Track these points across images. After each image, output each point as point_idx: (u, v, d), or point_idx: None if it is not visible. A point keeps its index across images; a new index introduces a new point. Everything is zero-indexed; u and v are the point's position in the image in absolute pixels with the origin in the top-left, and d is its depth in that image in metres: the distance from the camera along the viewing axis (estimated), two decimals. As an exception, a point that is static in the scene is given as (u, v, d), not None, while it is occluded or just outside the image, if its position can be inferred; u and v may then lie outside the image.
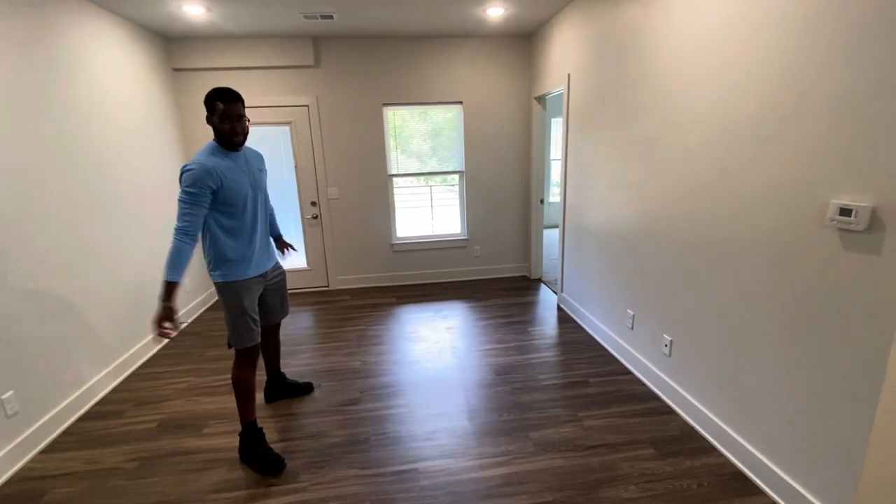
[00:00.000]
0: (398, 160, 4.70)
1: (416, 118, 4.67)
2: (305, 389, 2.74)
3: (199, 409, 2.61)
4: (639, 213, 2.69)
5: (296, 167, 4.47)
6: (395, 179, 4.73)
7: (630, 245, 2.82)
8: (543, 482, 1.96)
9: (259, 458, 2.10)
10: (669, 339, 2.46)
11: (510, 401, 2.59)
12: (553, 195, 7.51)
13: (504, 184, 4.79)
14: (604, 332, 3.25)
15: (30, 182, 2.37)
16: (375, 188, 4.63)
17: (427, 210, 4.96)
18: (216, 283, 2.07)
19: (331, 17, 3.57)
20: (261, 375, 2.63)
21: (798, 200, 1.63)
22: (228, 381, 2.90)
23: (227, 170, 1.97)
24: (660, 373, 2.58)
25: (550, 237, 6.11)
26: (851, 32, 1.41)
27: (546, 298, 4.31)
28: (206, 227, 2.02)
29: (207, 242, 2.04)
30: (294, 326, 3.82)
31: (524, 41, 4.44)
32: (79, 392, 2.61)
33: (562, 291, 4.06)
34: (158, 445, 2.30)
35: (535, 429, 2.33)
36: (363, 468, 2.10)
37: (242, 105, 1.99)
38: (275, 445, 2.23)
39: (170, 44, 3.98)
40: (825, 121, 1.51)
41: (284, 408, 2.60)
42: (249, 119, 2.07)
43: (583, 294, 3.62)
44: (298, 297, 4.57)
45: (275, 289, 2.35)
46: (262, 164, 2.26)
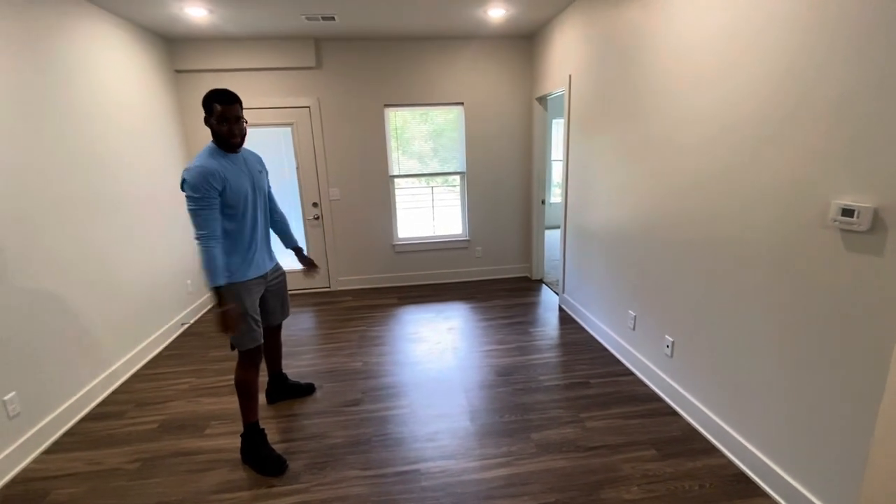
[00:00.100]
0: (399, 161, 4.70)
1: (418, 119, 4.68)
2: (307, 390, 2.74)
3: (201, 410, 2.62)
4: (640, 214, 2.69)
5: (297, 168, 4.48)
6: (397, 180, 4.74)
7: (632, 246, 2.82)
8: (545, 483, 1.96)
9: (261, 459, 2.10)
10: (671, 340, 2.46)
11: (511, 402, 2.59)
12: (554, 196, 7.51)
13: (505, 185, 4.80)
14: (605, 333, 3.24)
15: (31, 183, 2.38)
16: (377, 189, 4.64)
17: (428, 211, 4.97)
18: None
19: (332, 19, 3.57)
20: (262, 376, 2.63)
21: (800, 201, 1.63)
22: (230, 382, 2.90)
23: (228, 171, 1.97)
24: (661, 373, 2.57)
25: (552, 238, 6.10)
26: (853, 33, 1.41)
27: (547, 299, 4.31)
28: None
29: None
30: (295, 327, 3.83)
31: (525, 42, 4.45)
32: (81, 393, 2.62)
33: (563, 292, 4.06)
34: (160, 446, 2.31)
35: (537, 430, 2.33)
36: (365, 469, 2.10)
37: (240, 106, 1.99)
38: (276, 446, 2.23)
39: (172, 45, 3.99)
40: (827, 121, 1.51)
41: (286, 409, 2.61)
42: (247, 120, 2.07)
43: (584, 295, 3.61)
44: (300, 298, 4.58)
45: (275, 290, 2.35)
46: (262, 166, 2.25)
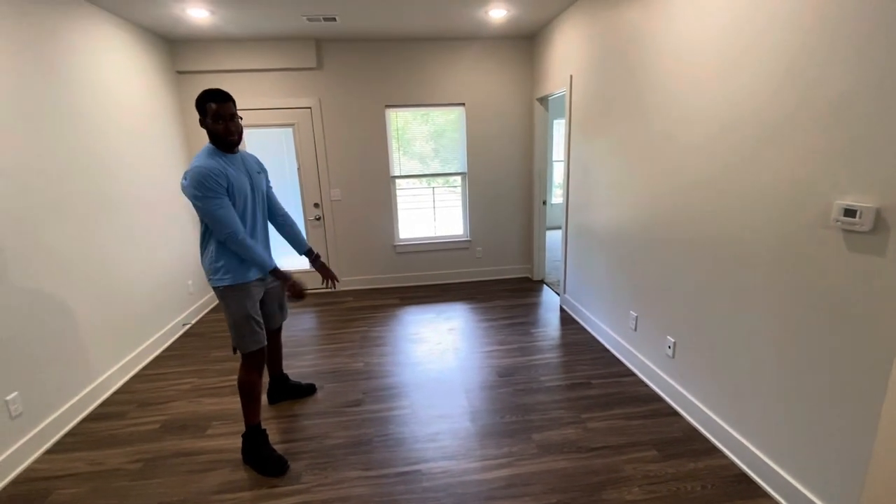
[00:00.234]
0: (401, 162, 4.70)
1: (419, 120, 4.68)
2: (308, 391, 2.75)
3: (203, 411, 2.62)
4: (642, 215, 2.69)
5: (299, 169, 4.49)
6: (398, 181, 4.74)
7: (633, 246, 2.82)
8: (546, 484, 1.96)
9: (262, 460, 2.10)
10: (673, 341, 2.46)
11: (513, 402, 2.59)
12: (555, 196, 7.50)
13: (506, 185, 4.80)
14: (606, 334, 3.24)
15: (33, 184, 2.39)
16: (378, 190, 4.64)
17: (429, 211, 4.97)
18: (218, 289, 2.05)
19: (333, 20, 3.58)
20: (264, 377, 2.63)
21: (801, 201, 1.63)
22: (232, 383, 2.91)
23: (229, 170, 1.97)
24: (663, 374, 2.57)
25: (553, 238, 6.09)
26: (853, 32, 1.41)
27: (548, 300, 4.30)
28: (206, 232, 2.02)
29: (207, 247, 2.03)
30: (297, 328, 3.83)
31: (526, 43, 4.45)
32: (83, 393, 2.62)
33: (564, 293, 4.06)
34: (162, 446, 2.31)
35: (538, 430, 2.32)
36: (366, 469, 2.10)
37: (234, 104, 1.99)
38: (278, 447, 2.24)
39: (173, 46, 4.00)
40: (828, 121, 1.51)
41: (287, 409, 2.61)
42: (242, 117, 2.07)
43: (585, 295, 3.61)
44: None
45: (274, 292, 2.34)
46: (261, 167, 2.25)
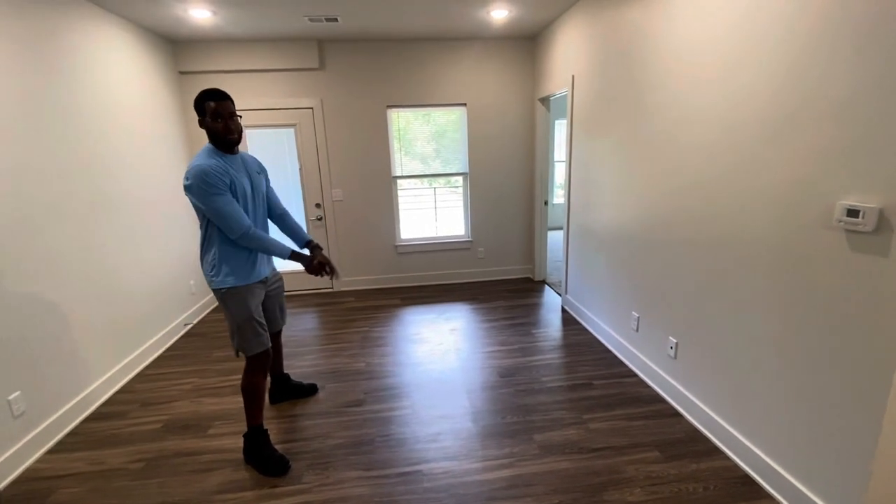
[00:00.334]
0: (402, 162, 4.71)
1: (420, 120, 4.68)
2: (310, 391, 2.75)
3: (204, 410, 2.62)
4: (643, 215, 2.68)
5: (300, 169, 4.49)
6: (399, 181, 4.74)
7: (635, 246, 2.81)
8: (548, 485, 1.95)
9: (264, 459, 2.10)
10: (675, 342, 2.45)
11: (514, 403, 2.58)
12: (557, 197, 7.49)
13: (508, 185, 4.79)
14: (608, 335, 3.24)
15: (35, 184, 2.39)
16: (379, 190, 4.64)
17: (431, 212, 4.97)
18: (219, 291, 2.03)
19: (335, 20, 3.58)
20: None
21: (804, 201, 1.62)
22: (233, 383, 2.91)
23: (230, 168, 1.97)
24: (665, 375, 2.56)
25: (554, 239, 6.08)
26: (856, 32, 1.40)
27: (550, 300, 4.30)
28: (207, 235, 2.01)
29: (209, 249, 2.01)
30: (298, 328, 3.83)
31: (528, 43, 4.44)
32: (84, 393, 2.63)
33: (566, 293, 4.05)
34: (163, 446, 2.31)
35: (540, 431, 2.32)
36: (367, 470, 2.09)
37: (232, 104, 1.98)
38: (279, 446, 2.23)
39: (176, 47, 4.01)
40: (830, 121, 1.50)
41: (289, 409, 2.61)
42: (241, 116, 2.07)
43: (587, 296, 3.61)
44: (303, 299, 4.59)
45: (274, 295, 2.34)
46: (261, 168, 2.25)
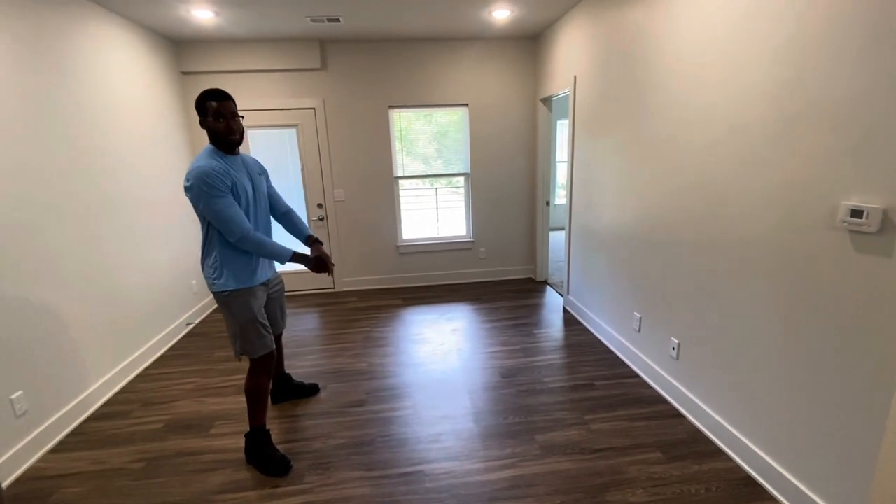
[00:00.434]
0: (404, 162, 4.71)
1: (422, 120, 4.68)
2: (311, 391, 2.74)
3: (206, 410, 2.62)
4: (645, 215, 2.68)
5: (302, 169, 4.50)
6: (401, 181, 4.74)
7: (637, 247, 2.81)
8: (550, 485, 1.95)
9: (265, 459, 2.10)
10: (677, 342, 2.44)
11: (516, 403, 2.58)
12: (559, 197, 7.49)
13: (510, 186, 4.79)
14: (610, 335, 3.23)
15: (38, 184, 2.40)
16: (381, 190, 4.64)
17: (432, 212, 4.97)
18: (221, 294, 2.00)
19: (337, 21, 3.59)
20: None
21: (808, 202, 1.62)
22: (235, 382, 2.91)
23: (231, 170, 1.95)
24: (667, 376, 2.56)
25: (556, 239, 6.08)
26: (861, 32, 1.40)
27: (552, 301, 4.29)
28: (208, 237, 1.99)
29: (210, 253, 2.00)
30: (300, 328, 3.83)
31: (530, 43, 4.44)
32: (87, 392, 2.63)
33: (568, 294, 4.05)
34: (165, 446, 2.32)
35: (541, 432, 2.31)
36: (369, 470, 2.09)
37: (234, 104, 1.97)
38: (281, 446, 2.24)
39: (178, 47, 4.02)
40: (835, 121, 1.49)
41: (290, 409, 2.61)
42: (243, 116, 2.05)
43: (589, 296, 3.60)
44: (305, 299, 4.59)
45: (276, 297, 2.34)
46: (262, 169, 2.24)
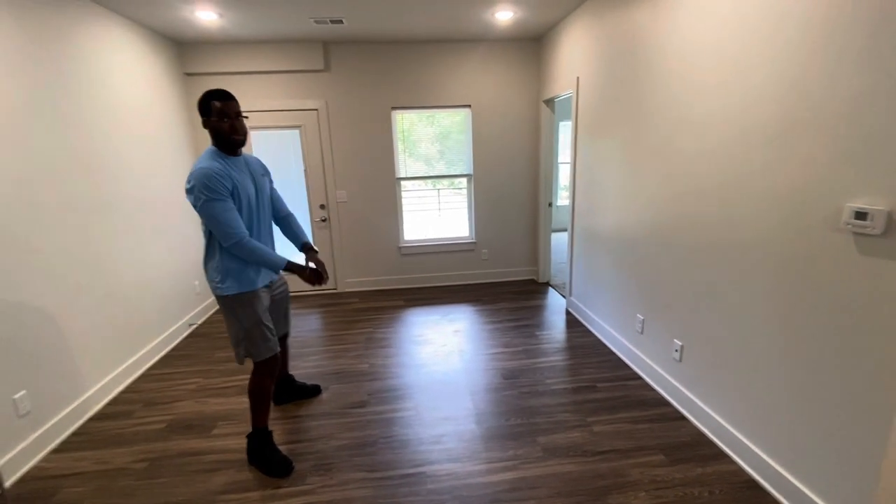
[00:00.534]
0: (406, 163, 4.71)
1: (425, 121, 4.68)
2: (313, 392, 2.74)
3: (208, 411, 2.63)
4: (649, 217, 2.67)
5: (305, 170, 4.50)
6: (403, 182, 4.74)
7: (640, 249, 2.80)
8: (552, 488, 1.94)
9: (267, 460, 2.10)
10: (680, 345, 2.43)
11: (518, 405, 2.57)
12: (561, 198, 7.48)
13: (512, 187, 4.79)
14: (613, 337, 3.22)
15: (42, 185, 2.41)
16: (384, 191, 4.65)
17: (435, 213, 4.97)
18: (225, 297, 1.99)
19: (341, 22, 3.59)
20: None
21: (812, 204, 1.61)
22: (238, 383, 2.91)
23: (233, 173, 1.94)
24: (670, 378, 2.55)
25: (559, 241, 6.07)
26: (865, 33, 1.39)
27: (554, 302, 4.29)
28: (211, 240, 1.98)
29: (213, 255, 1.98)
30: (302, 329, 3.84)
31: (533, 44, 4.44)
32: (90, 392, 2.64)
33: (570, 295, 4.04)
34: (167, 446, 2.32)
35: (544, 433, 2.31)
36: (370, 471, 2.09)
37: (237, 104, 1.96)
38: (283, 447, 2.24)
39: (182, 49, 4.03)
40: (839, 122, 1.49)
41: (292, 410, 2.61)
42: (248, 117, 2.05)
43: (591, 298, 3.59)
44: (307, 300, 4.59)
45: (279, 299, 2.33)
46: (264, 169, 2.23)
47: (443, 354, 3.26)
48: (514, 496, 1.90)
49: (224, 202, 1.87)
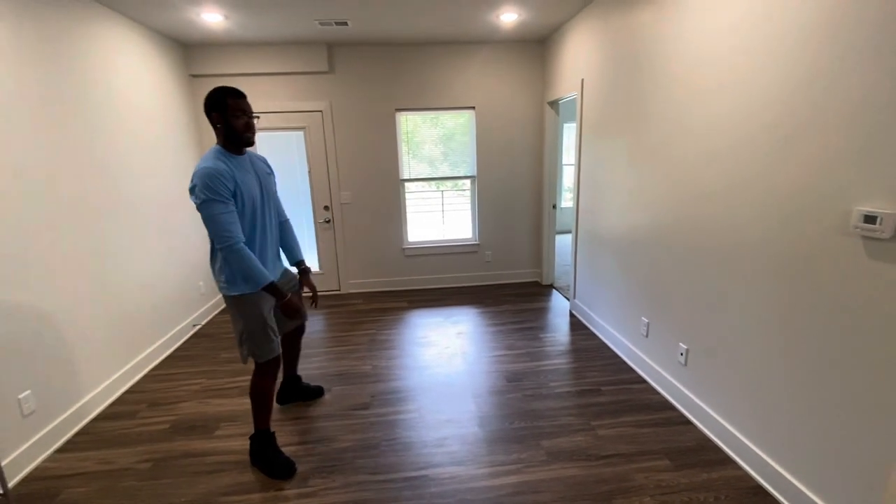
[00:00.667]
0: (410, 165, 4.71)
1: (428, 123, 4.68)
2: (316, 393, 2.74)
3: (212, 411, 2.63)
4: (653, 220, 2.66)
5: (309, 172, 4.51)
6: (407, 184, 4.74)
7: (644, 251, 2.78)
8: (556, 492, 1.93)
9: (270, 462, 2.10)
10: (685, 348, 2.42)
11: (521, 408, 2.56)
12: (565, 200, 7.47)
13: (516, 189, 4.78)
14: (617, 340, 3.20)
15: (47, 186, 2.42)
16: (387, 193, 4.65)
17: (438, 215, 4.96)
18: (231, 297, 1.99)
19: (345, 24, 3.60)
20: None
21: (820, 207, 1.59)
22: (241, 384, 2.92)
23: (237, 172, 1.92)
24: (675, 382, 2.53)
25: (563, 243, 6.06)
26: (871, 36, 1.38)
27: (558, 305, 4.27)
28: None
29: (219, 255, 1.96)
30: (305, 330, 3.83)
31: (537, 46, 4.44)
32: (94, 392, 2.65)
33: (574, 298, 4.02)
34: (171, 447, 2.32)
35: (547, 437, 2.30)
36: (373, 473, 2.08)
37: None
38: (285, 449, 2.23)
39: (187, 50, 4.05)
40: (847, 125, 1.47)
41: (295, 411, 2.61)
42: (259, 117, 2.05)
43: (596, 300, 3.58)
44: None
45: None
46: (269, 168, 2.22)
47: (446, 356, 3.25)
48: (518, 500, 1.89)
49: (223, 204, 1.84)
